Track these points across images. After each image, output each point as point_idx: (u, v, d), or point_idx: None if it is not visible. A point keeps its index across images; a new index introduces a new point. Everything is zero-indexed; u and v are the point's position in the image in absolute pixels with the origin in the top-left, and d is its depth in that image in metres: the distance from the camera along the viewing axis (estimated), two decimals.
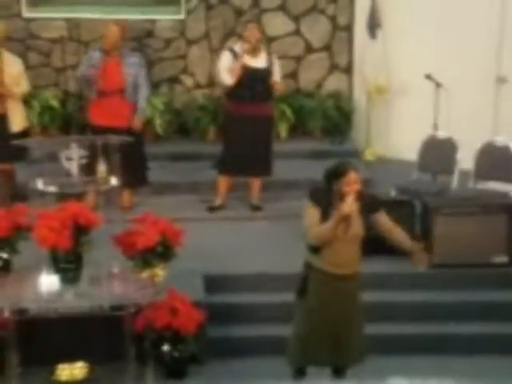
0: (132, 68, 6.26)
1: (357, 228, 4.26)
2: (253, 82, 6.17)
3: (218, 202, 6.52)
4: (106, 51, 6.25)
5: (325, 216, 4.20)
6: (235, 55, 6.23)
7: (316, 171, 7.07)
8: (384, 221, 4.35)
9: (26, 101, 6.83)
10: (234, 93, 6.27)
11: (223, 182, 6.49)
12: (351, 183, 4.18)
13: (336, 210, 4.14)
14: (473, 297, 5.38)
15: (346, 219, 4.15)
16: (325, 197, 4.24)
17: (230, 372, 4.89)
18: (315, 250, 4.29)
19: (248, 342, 5.10)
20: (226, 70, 6.23)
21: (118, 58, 6.26)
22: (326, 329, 4.33)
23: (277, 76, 6.36)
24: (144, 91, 6.32)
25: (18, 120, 6.34)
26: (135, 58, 6.40)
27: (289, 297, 5.28)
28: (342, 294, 4.32)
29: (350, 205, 4.11)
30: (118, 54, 6.27)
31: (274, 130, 6.77)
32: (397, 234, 4.39)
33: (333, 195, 4.22)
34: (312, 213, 4.24)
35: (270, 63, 6.30)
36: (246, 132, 6.25)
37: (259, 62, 6.27)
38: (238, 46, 6.31)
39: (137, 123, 6.29)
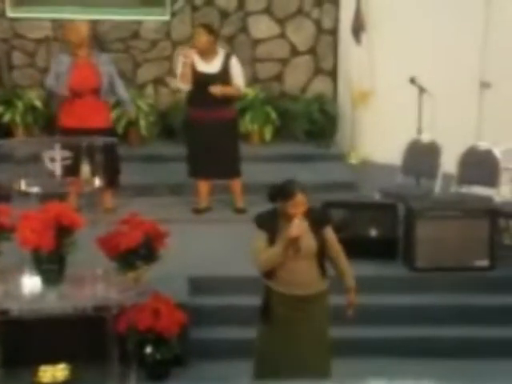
0: (106, 66, 6.22)
1: (308, 245, 4.09)
2: (205, 87, 6.14)
3: (202, 204, 6.52)
4: (73, 52, 6.19)
5: (272, 239, 4.05)
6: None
7: (301, 174, 7.14)
8: (332, 240, 4.22)
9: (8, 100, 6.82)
10: (190, 98, 6.32)
11: (201, 185, 6.50)
12: (298, 205, 4.02)
13: (284, 232, 3.99)
14: (454, 300, 5.41)
15: (295, 242, 4.00)
16: (270, 219, 4.09)
17: (212, 374, 4.89)
18: (268, 273, 4.13)
19: (231, 344, 5.10)
20: (179, 76, 6.28)
21: (88, 58, 6.20)
22: (286, 360, 4.12)
23: (236, 79, 6.30)
24: (122, 85, 6.32)
25: None
26: (105, 56, 6.37)
27: None
28: (304, 318, 4.13)
29: (297, 227, 3.96)
30: (87, 54, 6.22)
31: (237, 131, 6.70)
32: (341, 261, 4.26)
33: (279, 216, 4.07)
34: (258, 238, 4.09)
35: (226, 67, 6.25)
36: (208, 136, 6.25)
37: (212, 66, 6.24)
38: (192, 50, 6.30)
39: (131, 114, 6.37)
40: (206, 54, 6.22)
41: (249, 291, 5.33)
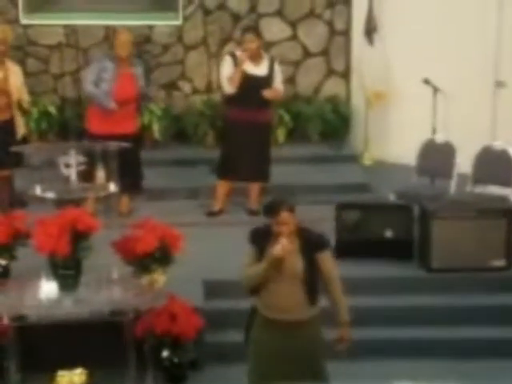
0: (140, 78, 6.29)
1: (293, 267, 3.90)
2: (253, 89, 6.18)
3: (217, 207, 6.53)
4: (119, 60, 6.18)
5: (261, 256, 3.92)
6: (235, 61, 6.24)
7: (314, 176, 7.14)
8: (325, 267, 3.98)
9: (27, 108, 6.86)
10: (233, 99, 6.29)
11: (222, 187, 6.50)
12: (282, 223, 3.88)
13: (270, 249, 3.86)
14: (471, 301, 5.38)
15: (278, 262, 3.84)
16: (263, 235, 3.96)
17: (229, 377, 4.88)
18: (254, 292, 3.99)
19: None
20: (227, 78, 6.25)
21: (130, 69, 6.23)
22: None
23: (277, 83, 6.38)
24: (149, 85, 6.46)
25: (21, 128, 6.37)
26: (140, 67, 6.39)
27: None
28: (287, 345, 3.91)
29: (282, 246, 3.80)
30: (129, 64, 6.24)
31: (272, 135, 6.78)
32: (335, 291, 4.02)
33: (271, 233, 3.93)
34: (248, 252, 3.98)
35: (272, 70, 6.31)
36: (244, 138, 6.27)
37: (260, 69, 6.28)
38: (238, 52, 6.33)
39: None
40: (255, 57, 6.24)
41: None
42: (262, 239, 3.97)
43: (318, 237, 4.06)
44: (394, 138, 7.61)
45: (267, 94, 6.24)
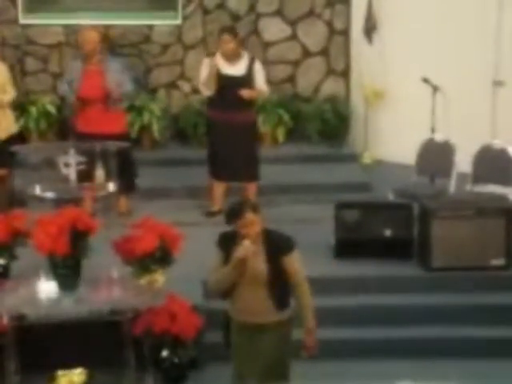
0: (116, 74, 6.24)
1: (256, 269, 3.89)
2: (230, 90, 6.16)
3: (216, 207, 6.52)
4: (85, 58, 6.23)
5: (228, 260, 3.93)
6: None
7: (314, 175, 7.14)
8: (291, 271, 3.95)
9: (22, 106, 6.87)
10: (213, 100, 6.32)
11: (218, 187, 6.50)
12: (247, 225, 3.87)
13: (234, 253, 3.88)
14: (471, 300, 5.38)
15: (241, 263, 3.84)
16: (230, 239, 3.97)
17: (228, 377, 4.87)
18: (224, 295, 4.01)
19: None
20: (202, 82, 6.28)
21: (98, 66, 6.24)
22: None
23: (259, 83, 6.34)
24: (130, 88, 6.31)
25: (3, 127, 6.32)
26: (117, 63, 6.38)
27: None
28: (254, 348, 3.96)
29: (245, 248, 3.82)
30: (98, 61, 6.24)
31: (257, 135, 6.73)
32: (301, 295, 3.98)
33: (236, 237, 3.93)
34: (215, 258, 4.01)
35: (251, 70, 6.28)
36: (227, 139, 6.27)
37: (237, 69, 6.26)
38: (218, 54, 6.31)
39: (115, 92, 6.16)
40: (232, 57, 6.25)
41: None
42: (229, 243, 3.96)
43: (283, 239, 4.00)
44: (393, 137, 7.60)
45: (244, 93, 6.19)
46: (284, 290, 3.96)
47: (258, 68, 6.36)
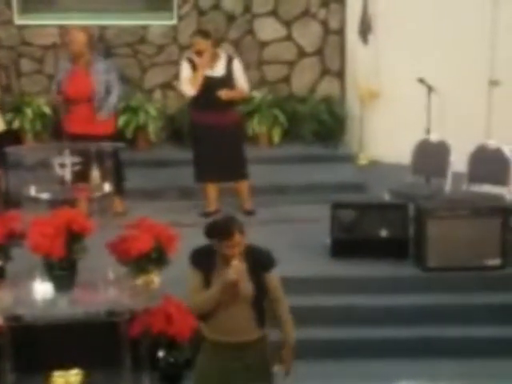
0: (103, 75, 6.24)
1: (246, 290, 3.78)
2: (210, 91, 6.16)
3: (212, 208, 6.52)
4: (73, 59, 6.25)
5: (208, 279, 3.78)
6: (194, 65, 6.24)
7: (309, 176, 7.14)
8: (272, 287, 3.86)
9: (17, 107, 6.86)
10: (194, 102, 6.32)
11: (210, 188, 6.50)
12: (235, 246, 3.71)
13: (220, 275, 3.72)
14: (466, 300, 5.39)
15: (233, 285, 3.69)
16: (206, 257, 3.80)
17: None
18: (202, 318, 3.88)
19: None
20: (187, 81, 6.26)
21: (86, 66, 6.25)
22: None
23: (240, 82, 6.33)
24: (115, 90, 6.28)
25: None
26: (103, 64, 6.38)
27: None
28: (240, 368, 3.82)
29: (236, 269, 3.66)
30: (86, 62, 6.25)
31: (242, 134, 6.72)
32: (282, 311, 3.89)
33: (216, 255, 3.78)
34: (193, 277, 3.82)
35: (230, 70, 6.28)
36: (211, 140, 6.28)
37: (216, 70, 6.27)
38: (195, 56, 6.31)
39: (102, 116, 6.16)
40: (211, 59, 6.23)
41: None
42: (205, 261, 3.82)
43: (265, 256, 3.91)
44: (388, 137, 7.62)
45: (223, 94, 6.19)
46: (263, 306, 3.88)
47: (237, 67, 6.34)
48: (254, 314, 3.82)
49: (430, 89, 7.20)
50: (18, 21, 7.75)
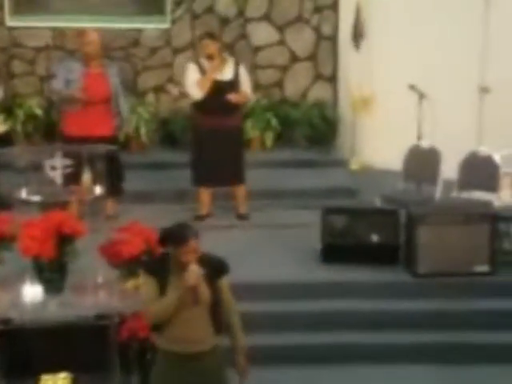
0: (114, 78, 6.26)
1: (203, 296, 3.76)
2: (218, 94, 6.18)
3: (203, 211, 6.53)
4: (86, 60, 6.19)
5: (163, 287, 3.75)
6: (201, 68, 6.25)
7: (301, 180, 7.16)
8: (226, 293, 3.87)
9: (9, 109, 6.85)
10: (200, 105, 6.31)
11: (203, 192, 6.50)
12: (191, 253, 3.70)
13: (176, 282, 3.69)
14: (456, 306, 5.41)
15: (192, 291, 3.67)
16: (161, 265, 3.79)
17: None
18: (156, 328, 3.82)
19: (228, 352, 5.08)
20: (194, 84, 6.25)
21: (100, 68, 6.23)
22: None
23: (245, 86, 6.37)
24: (124, 100, 6.36)
25: None
26: (115, 67, 6.38)
27: (274, 306, 5.28)
28: (197, 379, 3.77)
29: (194, 274, 3.64)
30: (99, 64, 6.23)
31: (243, 139, 6.75)
32: (233, 315, 3.89)
33: (170, 262, 3.76)
34: (147, 286, 3.80)
35: (237, 74, 6.30)
36: (213, 143, 6.29)
37: (224, 74, 6.28)
38: (203, 59, 6.32)
39: (123, 132, 6.29)
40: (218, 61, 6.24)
41: (252, 297, 5.34)
42: (159, 269, 3.79)
43: (219, 262, 3.90)
44: (380, 143, 7.64)
45: (232, 97, 6.22)
46: (219, 313, 3.87)
47: (244, 72, 6.38)
48: (211, 321, 3.80)
49: (421, 95, 7.23)
50: (10, 22, 7.73)
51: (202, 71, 6.27)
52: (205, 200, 6.51)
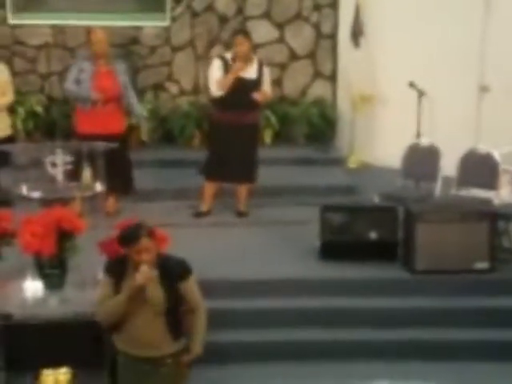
0: (123, 75, 6.29)
1: (154, 298, 3.69)
2: (242, 92, 6.19)
3: (204, 207, 6.54)
4: (95, 59, 6.21)
5: (118, 287, 3.70)
6: (226, 64, 6.25)
7: (300, 178, 7.17)
8: (189, 296, 3.79)
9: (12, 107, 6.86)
10: (221, 101, 6.29)
11: (209, 188, 6.51)
12: (142, 252, 3.65)
13: (130, 281, 3.65)
14: (454, 303, 5.42)
15: (140, 291, 3.62)
16: (119, 265, 3.75)
17: (211, 379, 4.90)
18: (112, 326, 3.75)
19: (229, 349, 5.11)
20: (216, 81, 6.25)
21: (108, 66, 6.25)
22: None
23: (266, 85, 6.39)
24: (134, 96, 6.39)
25: (1, 128, 6.35)
26: (123, 65, 6.41)
27: (273, 303, 5.30)
28: (151, 382, 3.72)
29: (143, 274, 3.59)
30: (107, 62, 6.26)
31: (259, 136, 6.81)
32: (198, 319, 3.82)
33: (129, 263, 3.72)
34: (103, 285, 3.76)
35: (261, 73, 6.33)
36: (231, 139, 6.29)
37: (250, 72, 6.29)
38: (229, 55, 6.34)
39: (143, 130, 6.30)
40: (246, 60, 6.24)
41: (251, 294, 5.36)
42: (117, 270, 3.75)
43: (179, 265, 3.81)
44: (379, 140, 7.66)
45: (258, 97, 6.25)
46: (178, 318, 3.79)
47: (266, 71, 6.41)
48: (169, 326, 3.72)
49: (420, 93, 7.24)
50: (12, 20, 7.75)
51: (226, 69, 6.25)
52: (208, 196, 6.51)
